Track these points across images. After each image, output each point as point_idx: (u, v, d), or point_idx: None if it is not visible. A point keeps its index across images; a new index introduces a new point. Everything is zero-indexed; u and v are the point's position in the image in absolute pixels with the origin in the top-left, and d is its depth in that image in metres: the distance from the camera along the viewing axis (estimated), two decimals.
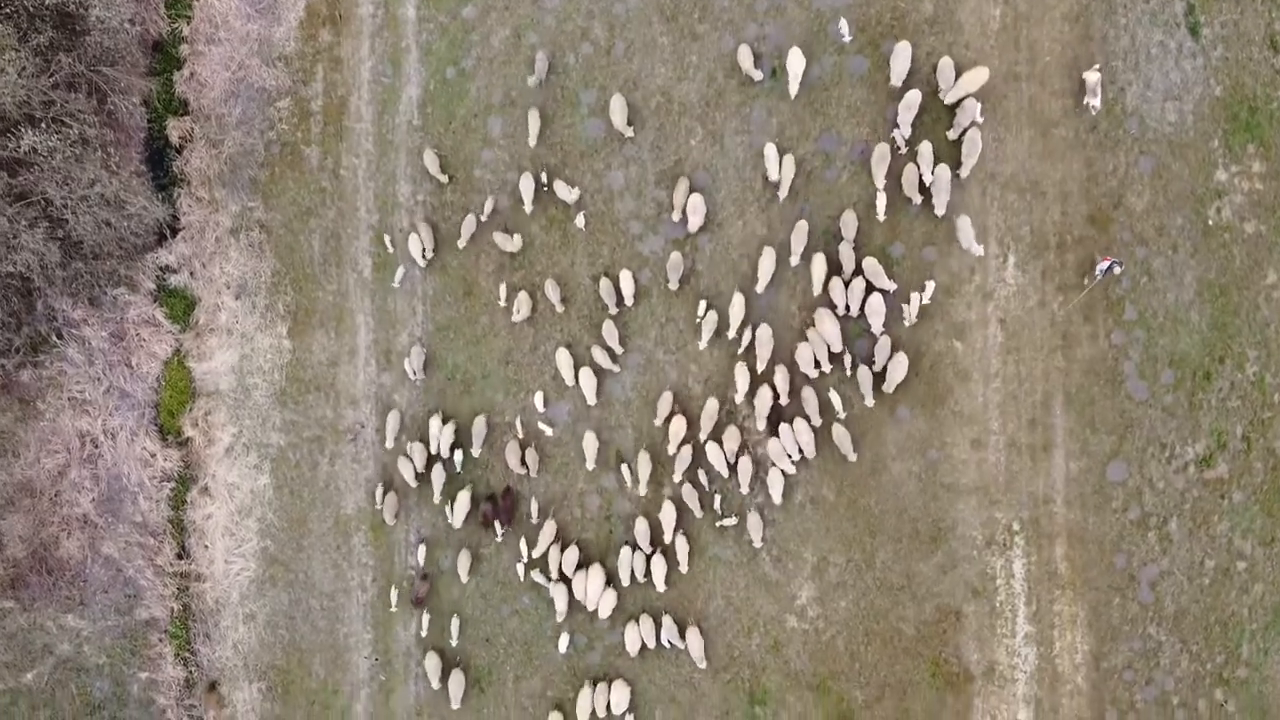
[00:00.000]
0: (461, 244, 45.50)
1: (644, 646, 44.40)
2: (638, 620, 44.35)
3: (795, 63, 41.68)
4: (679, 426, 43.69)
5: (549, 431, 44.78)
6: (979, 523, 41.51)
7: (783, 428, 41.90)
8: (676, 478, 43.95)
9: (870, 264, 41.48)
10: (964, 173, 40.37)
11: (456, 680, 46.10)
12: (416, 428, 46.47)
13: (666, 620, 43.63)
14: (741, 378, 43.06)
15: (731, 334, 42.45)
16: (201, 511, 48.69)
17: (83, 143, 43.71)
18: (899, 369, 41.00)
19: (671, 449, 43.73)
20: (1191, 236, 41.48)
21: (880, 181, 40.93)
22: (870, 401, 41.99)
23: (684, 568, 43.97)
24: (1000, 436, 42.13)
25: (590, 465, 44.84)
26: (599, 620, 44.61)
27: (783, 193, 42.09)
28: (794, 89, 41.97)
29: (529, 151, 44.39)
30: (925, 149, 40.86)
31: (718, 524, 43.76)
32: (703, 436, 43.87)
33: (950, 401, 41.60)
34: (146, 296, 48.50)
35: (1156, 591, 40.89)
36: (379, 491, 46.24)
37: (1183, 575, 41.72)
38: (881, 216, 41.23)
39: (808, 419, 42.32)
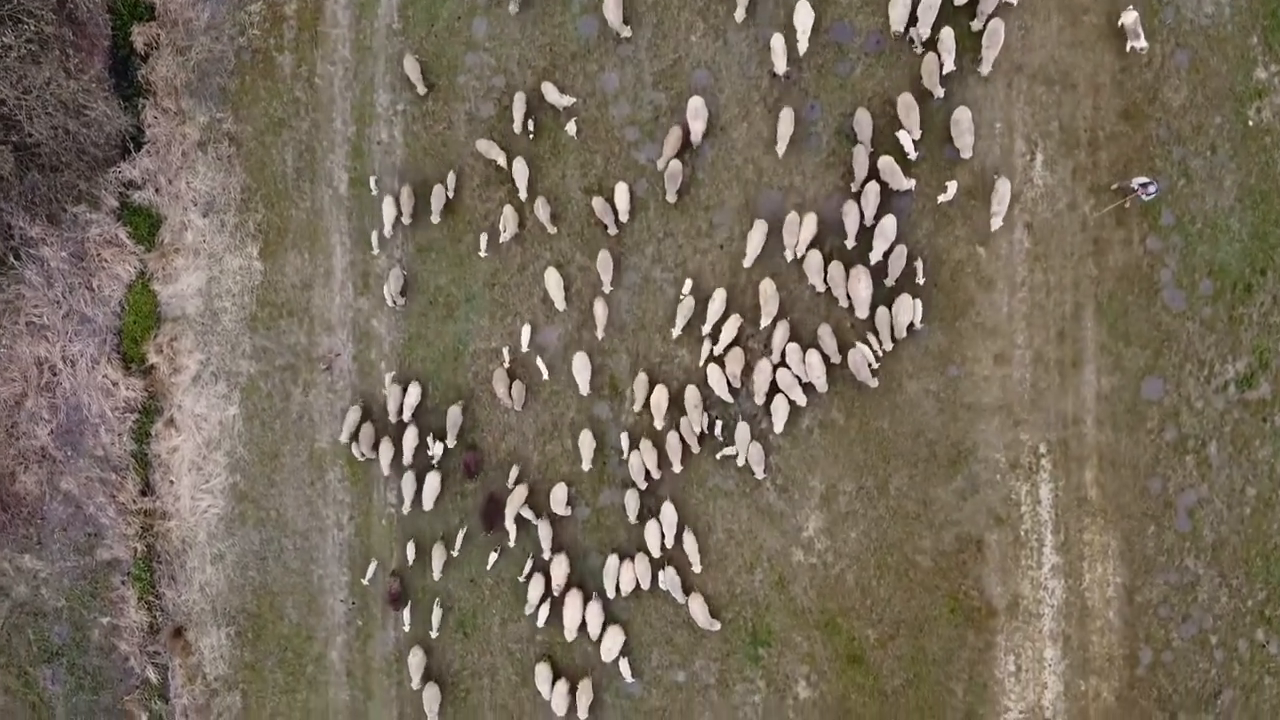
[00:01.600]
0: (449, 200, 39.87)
1: (638, 587, 38.79)
2: (632, 559, 39.35)
3: None
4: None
5: (545, 373, 41.14)
6: (1002, 444, 37.36)
7: (791, 348, 34.66)
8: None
9: (886, 164, 36.74)
10: (985, 68, 35.91)
11: (436, 618, 41.17)
12: (396, 356, 41.87)
13: (668, 571, 39.17)
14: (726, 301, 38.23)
15: (706, 329, 39.60)
16: (166, 444, 43.75)
17: (40, 42, 38.96)
18: (904, 311, 37.05)
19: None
20: (1231, 137, 36.78)
21: (913, 133, 37.18)
22: (889, 345, 37.50)
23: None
24: (1026, 351, 37.53)
25: (585, 390, 40.08)
26: (590, 559, 39.63)
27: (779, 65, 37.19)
28: None
29: (517, 55, 39.63)
30: (947, 36, 36.22)
31: (718, 455, 39.35)
32: (701, 360, 39.12)
33: (972, 313, 37.37)
34: (109, 215, 43.26)
35: (1194, 520, 36.07)
36: (353, 418, 42.29)
37: (1222, 503, 37.00)
38: (911, 155, 36.97)
39: (821, 350, 37.61)
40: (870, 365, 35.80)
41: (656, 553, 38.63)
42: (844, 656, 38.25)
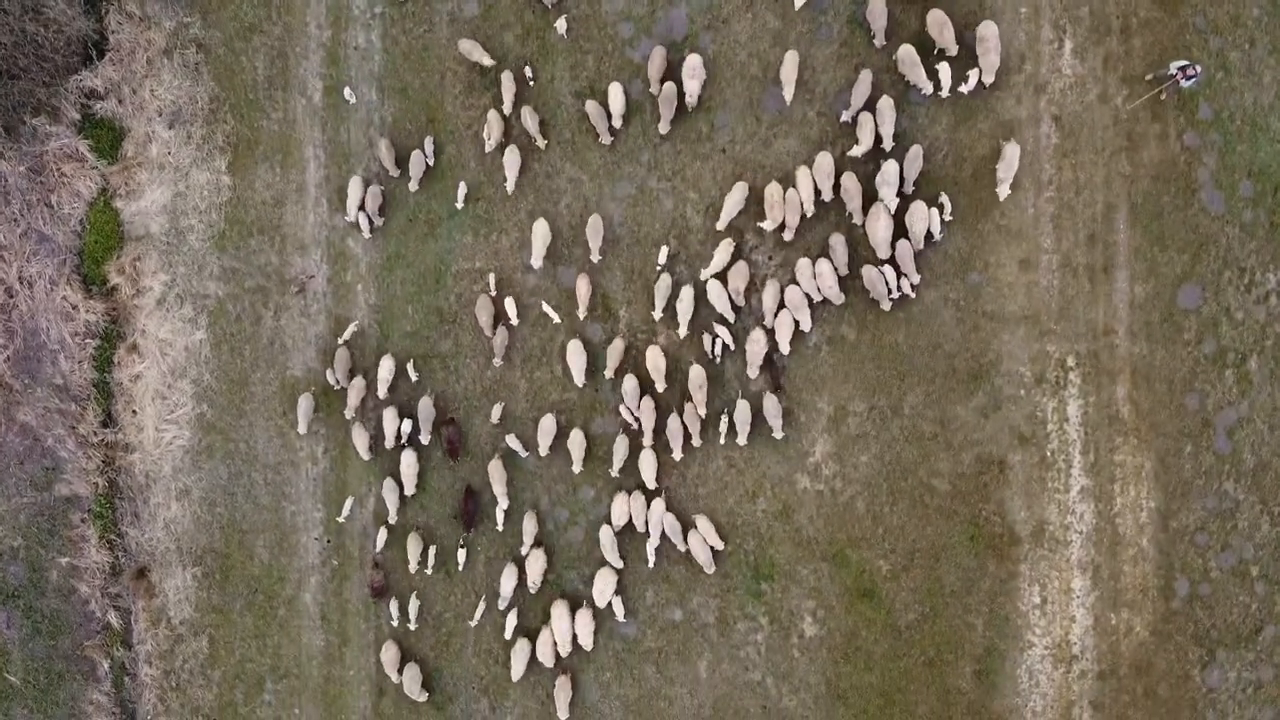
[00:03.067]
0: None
1: (631, 522, 34.77)
2: (628, 493, 35.06)
3: None
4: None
5: (552, 314, 36.59)
6: (1028, 357, 33.19)
7: (801, 263, 33.20)
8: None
9: (906, 53, 32.41)
10: None
11: (414, 547, 37.23)
12: (375, 279, 37.35)
13: (668, 519, 34.83)
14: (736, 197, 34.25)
15: (722, 223, 34.90)
16: (129, 371, 39.23)
17: None
18: (920, 220, 32.76)
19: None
20: (1270, 30, 32.36)
21: (949, 49, 32.54)
22: (916, 279, 33.47)
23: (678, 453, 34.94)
24: (1054, 255, 33.14)
25: (583, 313, 35.71)
26: (581, 492, 35.75)
27: None
28: None
29: None
30: None
31: (721, 433, 34.96)
32: (704, 275, 34.65)
33: (995, 214, 33.17)
34: (70, 127, 38.69)
35: (1234, 441, 32.48)
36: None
37: (1263, 423, 32.89)
38: (944, 90, 32.63)
39: (832, 261, 33.26)
40: (890, 293, 31.68)
41: (651, 483, 34.45)
42: (853, 590, 34.12)
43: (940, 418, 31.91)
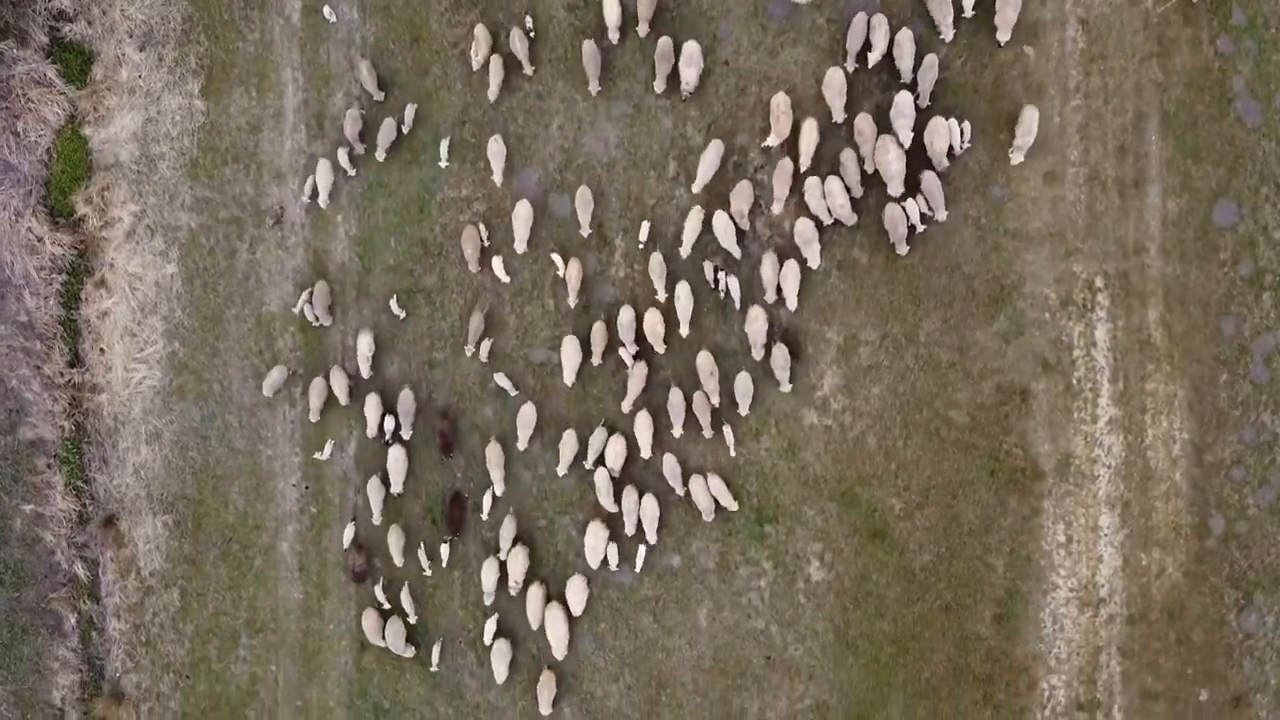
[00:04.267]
0: None
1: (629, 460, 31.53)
2: (623, 435, 31.84)
3: None
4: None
5: (558, 262, 32.95)
6: (1053, 278, 29.84)
7: (810, 182, 30.24)
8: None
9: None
10: None
11: (396, 541, 33.57)
12: (355, 209, 34.19)
13: (668, 461, 31.52)
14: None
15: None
16: (97, 307, 35.72)
17: None
18: (940, 136, 28.99)
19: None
20: None
21: None
22: (943, 215, 29.83)
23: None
24: (1081, 169, 29.65)
25: (573, 300, 32.29)
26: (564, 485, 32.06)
27: None
28: None
29: None
30: None
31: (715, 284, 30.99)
32: (683, 253, 31.41)
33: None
34: (38, 51, 35.13)
35: (1272, 369, 29.59)
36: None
37: None
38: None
39: (843, 178, 29.75)
40: (914, 225, 28.78)
41: (647, 450, 31.57)
42: (864, 531, 30.89)
43: (958, 344, 28.06)
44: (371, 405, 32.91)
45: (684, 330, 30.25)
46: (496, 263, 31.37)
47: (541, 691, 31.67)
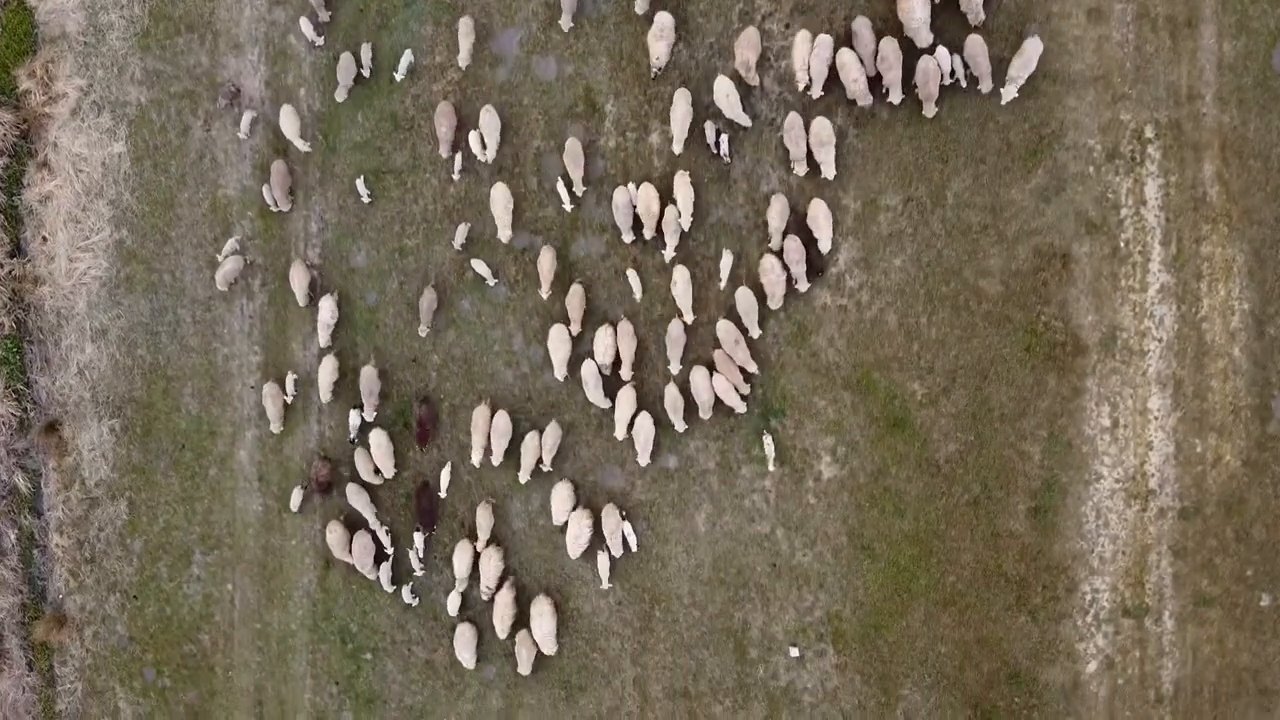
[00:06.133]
0: None
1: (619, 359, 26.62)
2: (612, 326, 26.81)
3: None
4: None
5: (564, 196, 27.73)
6: (1097, 127, 24.82)
7: (821, 40, 25.43)
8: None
9: None
10: None
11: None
12: (320, 81, 28.95)
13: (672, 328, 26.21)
14: None
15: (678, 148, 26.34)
16: (39, 191, 30.50)
17: None
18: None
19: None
20: None
21: None
22: (988, 85, 24.74)
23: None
24: (1129, 5, 24.60)
25: (545, 292, 27.16)
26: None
27: None
28: None
29: None
30: None
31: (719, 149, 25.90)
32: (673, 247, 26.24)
33: None
34: None
35: None
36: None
37: None
38: None
39: (857, 51, 24.96)
40: (943, 80, 24.20)
41: (628, 372, 26.76)
42: (882, 420, 26.16)
43: (991, 205, 22.79)
44: (326, 374, 28.37)
45: (685, 221, 25.92)
46: (474, 139, 25.52)
47: (520, 651, 27.43)
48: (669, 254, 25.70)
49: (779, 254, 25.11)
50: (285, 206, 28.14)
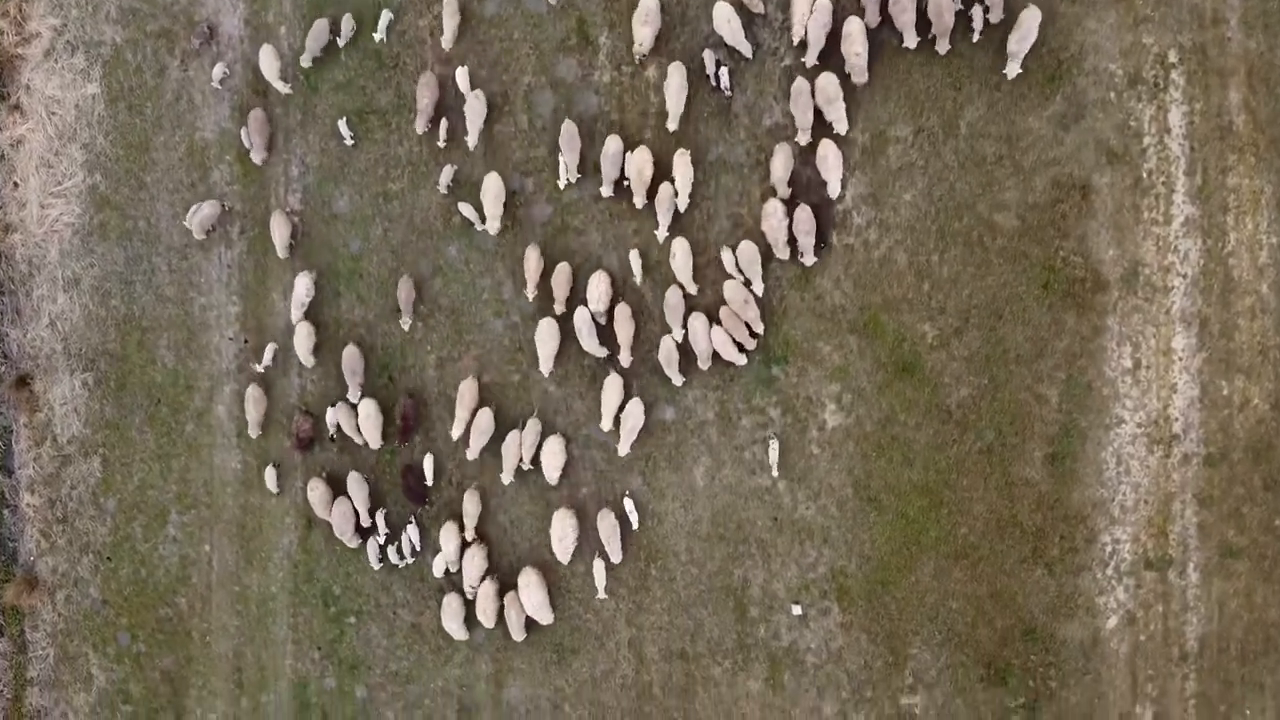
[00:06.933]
0: None
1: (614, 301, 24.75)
2: (606, 272, 24.97)
3: None
4: None
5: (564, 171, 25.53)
6: (1119, 51, 23.11)
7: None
8: None
9: None
10: None
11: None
12: (300, 18, 26.72)
13: (673, 298, 24.27)
14: None
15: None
16: (10, 135, 28.63)
17: None
18: None
19: None
20: None
21: None
22: (997, 16, 22.55)
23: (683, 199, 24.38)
24: None
25: (531, 293, 25.10)
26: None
27: None
28: None
29: None
30: None
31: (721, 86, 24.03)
32: (668, 225, 24.34)
33: None
34: None
35: None
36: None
37: None
38: None
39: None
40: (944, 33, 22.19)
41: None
42: (890, 365, 24.20)
43: (1007, 134, 20.93)
44: (302, 333, 26.57)
45: (682, 202, 24.03)
46: (460, 74, 23.42)
47: (510, 614, 25.34)
48: (661, 234, 23.71)
49: (786, 201, 23.06)
50: (261, 156, 26.02)
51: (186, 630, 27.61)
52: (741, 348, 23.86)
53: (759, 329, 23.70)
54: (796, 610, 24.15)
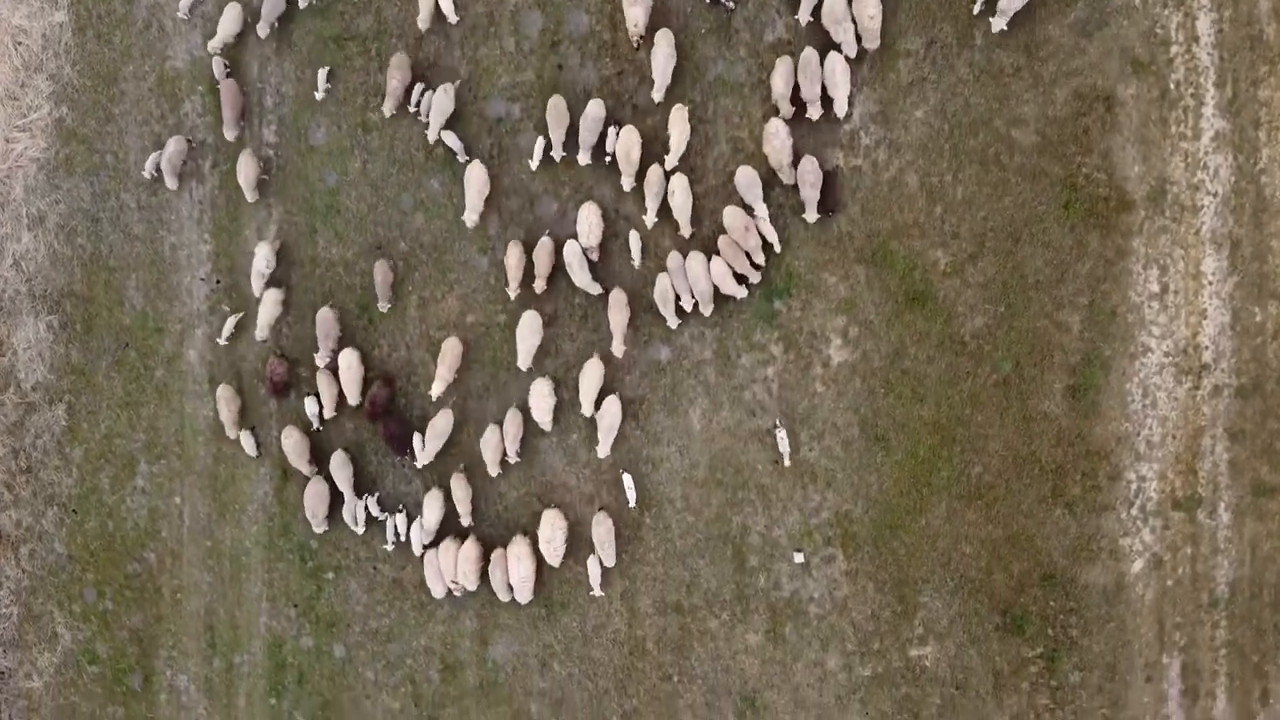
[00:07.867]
0: None
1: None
2: (598, 205, 22.88)
3: None
4: None
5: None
6: None
7: None
8: None
9: None
10: None
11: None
12: None
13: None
14: None
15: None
16: None
17: None
18: None
19: None
20: None
21: None
22: None
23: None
24: None
25: (514, 291, 23.01)
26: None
27: None
28: None
29: None
30: None
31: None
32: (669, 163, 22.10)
33: None
34: None
35: None
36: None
37: None
38: None
39: None
40: None
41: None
42: (899, 295, 21.93)
43: (1025, 43, 18.91)
44: (269, 301, 24.69)
45: (671, 161, 21.77)
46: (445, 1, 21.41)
47: (493, 574, 23.31)
48: (650, 218, 21.42)
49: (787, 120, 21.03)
50: (234, 134, 23.76)
51: (156, 587, 25.45)
52: (742, 279, 21.53)
53: (760, 259, 21.41)
54: (799, 558, 21.99)
